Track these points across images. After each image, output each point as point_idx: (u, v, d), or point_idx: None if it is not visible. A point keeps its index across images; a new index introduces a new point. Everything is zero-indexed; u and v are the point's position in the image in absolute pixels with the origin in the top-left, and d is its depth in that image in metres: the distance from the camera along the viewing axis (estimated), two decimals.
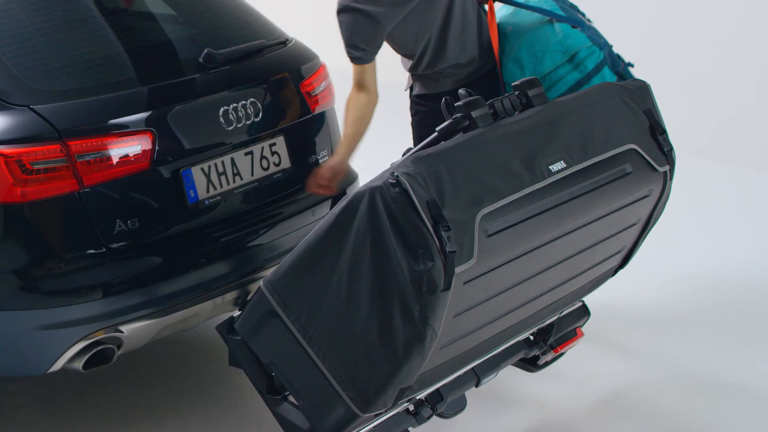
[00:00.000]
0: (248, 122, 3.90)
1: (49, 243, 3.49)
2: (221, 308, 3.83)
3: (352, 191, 3.09)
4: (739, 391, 4.36)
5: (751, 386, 4.40)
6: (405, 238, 2.94)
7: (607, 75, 3.99)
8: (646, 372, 4.47)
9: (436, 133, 3.23)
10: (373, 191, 2.97)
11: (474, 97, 3.28)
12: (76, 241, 3.51)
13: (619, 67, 4.03)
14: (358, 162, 4.46)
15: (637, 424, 4.13)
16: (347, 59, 3.85)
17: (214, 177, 3.82)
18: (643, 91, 3.62)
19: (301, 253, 3.17)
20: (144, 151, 3.59)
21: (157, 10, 4.26)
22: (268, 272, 3.42)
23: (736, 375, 4.47)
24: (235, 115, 3.85)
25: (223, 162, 3.84)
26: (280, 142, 4.04)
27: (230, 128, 3.83)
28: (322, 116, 4.27)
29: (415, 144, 4.05)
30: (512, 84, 3.47)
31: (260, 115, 3.94)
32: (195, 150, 3.74)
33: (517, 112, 3.38)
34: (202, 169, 3.78)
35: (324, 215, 4.02)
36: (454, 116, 3.24)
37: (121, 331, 3.53)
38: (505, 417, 4.15)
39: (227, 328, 3.49)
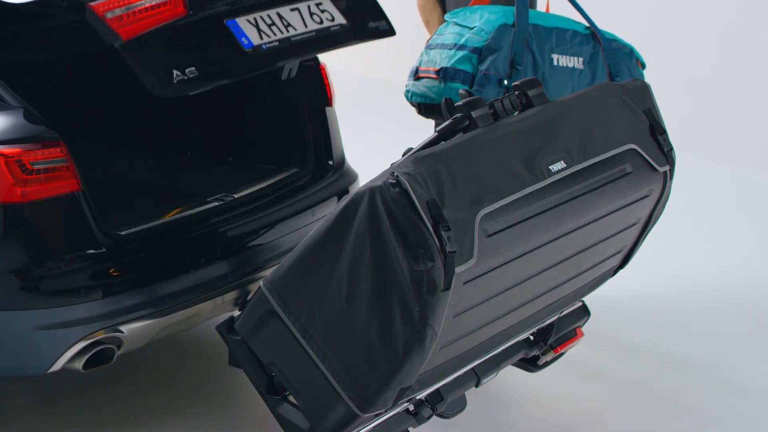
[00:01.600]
0: None
1: (49, 243, 3.49)
2: (221, 308, 3.83)
3: (352, 191, 3.09)
4: (739, 390, 4.36)
5: (751, 385, 4.40)
6: (405, 238, 2.94)
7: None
8: (646, 372, 4.47)
9: (436, 133, 3.23)
10: (373, 191, 2.97)
11: (474, 97, 3.28)
12: (76, 240, 3.51)
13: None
14: (358, 162, 4.46)
15: (637, 424, 4.13)
16: None
17: (264, 27, 3.69)
18: (643, 91, 3.62)
19: (301, 253, 3.17)
20: None
21: None
22: (268, 272, 3.42)
23: (737, 375, 4.47)
24: None
25: (269, 15, 3.73)
26: (326, 3, 3.91)
27: None
28: None
29: None
30: (512, 84, 3.47)
31: None
32: (234, 2, 3.65)
33: (516, 112, 3.38)
34: (248, 20, 3.67)
35: (324, 215, 4.03)
36: (454, 116, 3.25)
37: (121, 331, 3.53)
38: (505, 417, 4.15)
39: (227, 328, 3.49)
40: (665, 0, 7.45)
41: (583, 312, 4.04)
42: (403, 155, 3.17)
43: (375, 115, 4.08)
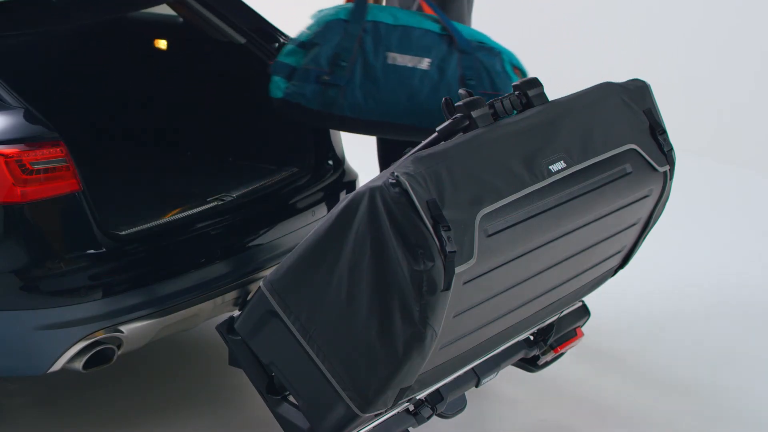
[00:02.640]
0: None
1: (49, 243, 3.49)
2: (221, 308, 3.83)
3: (352, 191, 3.09)
4: (740, 390, 4.36)
5: (750, 387, 4.39)
6: (405, 238, 2.94)
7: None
8: (646, 372, 4.47)
9: (436, 133, 3.23)
10: (373, 191, 2.97)
11: (474, 97, 3.28)
12: (76, 240, 3.51)
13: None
14: (357, 162, 4.46)
15: (637, 424, 4.13)
16: None
17: None
18: (643, 91, 3.62)
19: (301, 253, 3.17)
20: None
21: None
22: (268, 272, 3.42)
23: (736, 375, 4.47)
24: None
25: None
26: None
27: None
28: None
29: None
30: (512, 84, 3.47)
31: None
32: None
33: (516, 112, 3.38)
34: None
35: (324, 215, 4.03)
36: (454, 116, 3.24)
37: (121, 331, 3.53)
38: (505, 417, 4.15)
39: (227, 328, 3.49)
40: (666, 1, 7.45)
41: (583, 312, 4.04)
42: (402, 155, 3.17)
43: None
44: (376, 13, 4.00)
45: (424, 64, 3.94)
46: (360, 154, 4.20)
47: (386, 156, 4.15)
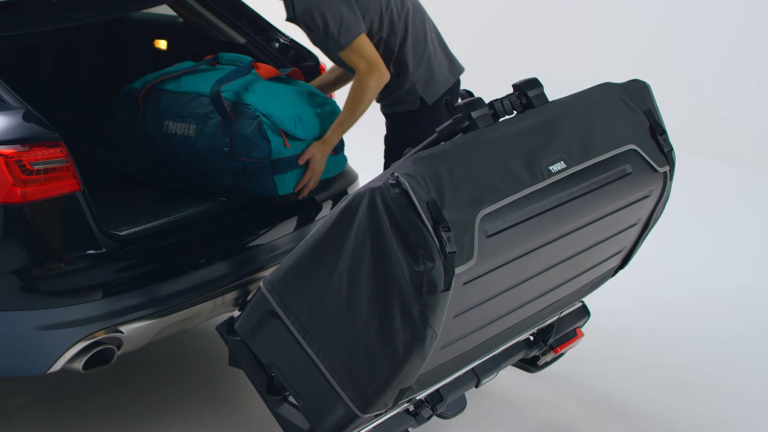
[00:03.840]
0: None
1: (49, 243, 3.49)
2: (221, 308, 3.83)
3: (352, 192, 3.09)
4: (739, 391, 4.36)
5: (750, 387, 4.40)
6: (405, 238, 2.94)
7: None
8: (646, 372, 4.47)
9: (436, 134, 3.23)
10: (373, 192, 2.97)
11: (474, 97, 3.28)
12: (76, 241, 3.51)
13: None
14: (358, 162, 4.46)
15: (637, 424, 4.13)
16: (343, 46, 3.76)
17: None
18: (643, 91, 3.62)
19: (302, 254, 3.17)
20: None
21: None
22: (268, 272, 3.42)
23: (736, 375, 4.47)
24: None
25: None
26: None
27: None
28: None
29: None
30: (512, 84, 3.47)
31: None
32: None
33: (516, 113, 3.38)
34: None
35: (324, 215, 4.03)
36: (454, 117, 3.24)
37: (121, 332, 3.53)
38: (505, 417, 4.15)
39: (227, 328, 3.49)
40: (666, 1, 7.45)
41: (583, 312, 4.04)
42: (403, 155, 3.17)
43: (375, 115, 4.08)
44: (170, 80, 4.11)
45: (190, 130, 4.00)
46: (360, 154, 4.21)
47: (391, 158, 4.17)
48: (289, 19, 3.85)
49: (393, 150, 4.14)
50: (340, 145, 4.14)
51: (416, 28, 3.98)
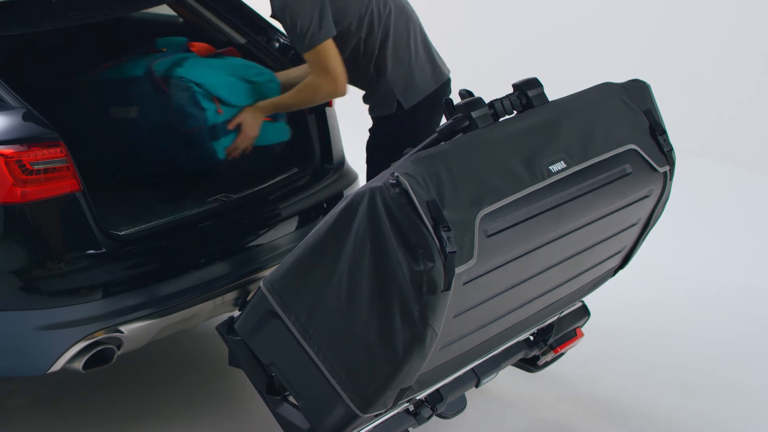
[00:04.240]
0: None
1: (49, 243, 3.49)
2: (221, 308, 3.83)
3: (352, 192, 3.09)
4: (739, 391, 4.36)
5: (750, 387, 4.39)
6: (405, 238, 2.94)
7: None
8: (646, 372, 4.47)
9: (436, 134, 3.23)
10: (373, 191, 2.97)
11: (474, 97, 3.28)
12: (76, 241, 3.51)
13: None
14: (358, 162, 4.46)
15: (637, 424, 4.13)
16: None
17: None
18: (643, 91, 3.62)
19: (302, 254, 3.17)
20: None
21: None
22: (268, 272, 3.41)
23: (736, 375, 4.47)
24: None
25: None
26: None
27: None
28: None
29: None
30: (512, 84, 3.47)
31: None
32: None
33: (516, 113, 3.37)
34: None
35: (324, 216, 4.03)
36: (454, 117, 3.24)
37: (121, 332, 3.53)
38: (505, 417, 4.15)
39: (227, 328, 3.49)
40: (666, 1, 7.45)
41: (583, 312, 4.04)
42: (403, 155, 3.17)
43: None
44: (107, 70, 4.22)
45: (134, 113, 4.15)
46: (360, 154, 4.20)
47: (371, 164, 4.16)
48: (271, 15, 3.93)
49: (371, 154, 4.13)
50: (279, 114, 4.21)
51: (398, 30, 3.98)
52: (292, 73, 4.27)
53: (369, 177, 4.05)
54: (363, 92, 4.08)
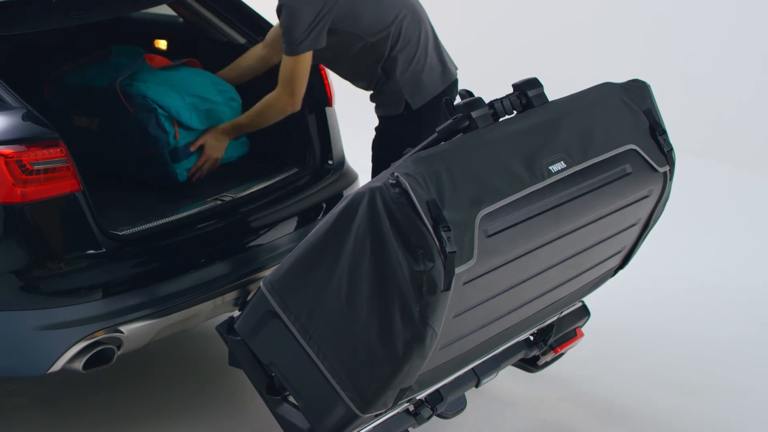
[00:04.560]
0: None
1: (49, 243, 3.49)
2: (221, 308, 3.83)
3: (352, 192, 3.09)
4: (739, 391, 4.36)
5: (750, 387, 4.39)
6: (405, 238, 2.94)
7: None
8: (646, 372, 4.47)
9: (436, 134, 3.23)
10: (373, 191, 2.97)
11: (474, 97, 3.28)
12: (76, 241, 3.51)
13: None
14: (358, 162, 4.46)
15: (637, 424, 4.13)
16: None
17: None
18: (643, 91, 3.62)
19: (301, 254, 3.17)
20: None
21: None
22: (268, 272, 3.41)
23: (736, 375, 4.47)
24: None
25: None
26: None
27: None
28: None
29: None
30: (512, 84, 3.47)
31: None
32: None
33: (516, 113, 3.37)
34: None
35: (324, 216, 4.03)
36: (454, 116, 3.24)
37: (121, 332, 3.53)
38: (505, 417, 4.15)
39: (227, 328, 3.49)
40: (666, 1, 7.45)
41: (583, 312, 4.04)
42: (403, 155, 3.17)
43: (375, 116, 4.08)
44: (69, 73, 4.25)
45: (94, 124, 4.18)
46: (360, 154, 4.20)
47: (376, 162, 4.16)
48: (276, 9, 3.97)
49: (377, 154, 4.13)
50: None
51: (410, 34, 3.98)
52: (243, 62, 4.35)
53: (374, 176, 4.05)
54: (366, 92, 4.07)
